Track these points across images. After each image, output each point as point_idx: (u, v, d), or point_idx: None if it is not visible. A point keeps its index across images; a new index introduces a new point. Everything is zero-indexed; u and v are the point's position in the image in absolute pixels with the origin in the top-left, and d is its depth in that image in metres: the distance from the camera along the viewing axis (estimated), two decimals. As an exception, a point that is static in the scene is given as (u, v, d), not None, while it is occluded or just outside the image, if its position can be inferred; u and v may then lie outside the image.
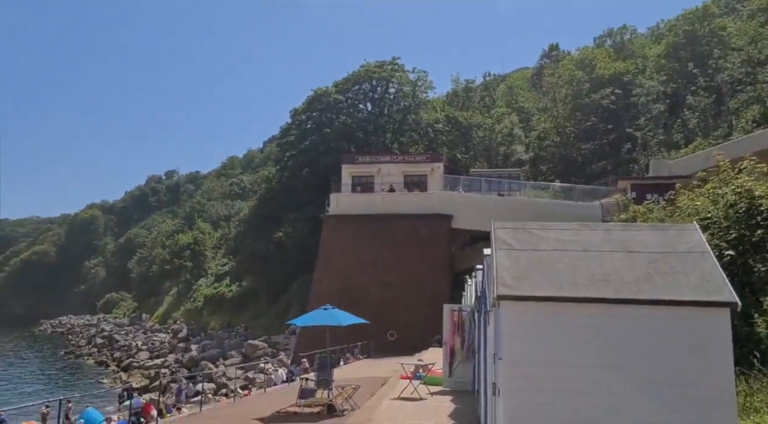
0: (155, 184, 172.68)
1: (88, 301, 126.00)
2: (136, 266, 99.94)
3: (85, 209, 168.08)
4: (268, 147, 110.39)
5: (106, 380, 43.79)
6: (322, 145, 51.92)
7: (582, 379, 6.11)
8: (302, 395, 14.20)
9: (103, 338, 68.26)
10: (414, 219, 34.74)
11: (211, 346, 45.92)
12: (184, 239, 76.79)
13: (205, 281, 71.28)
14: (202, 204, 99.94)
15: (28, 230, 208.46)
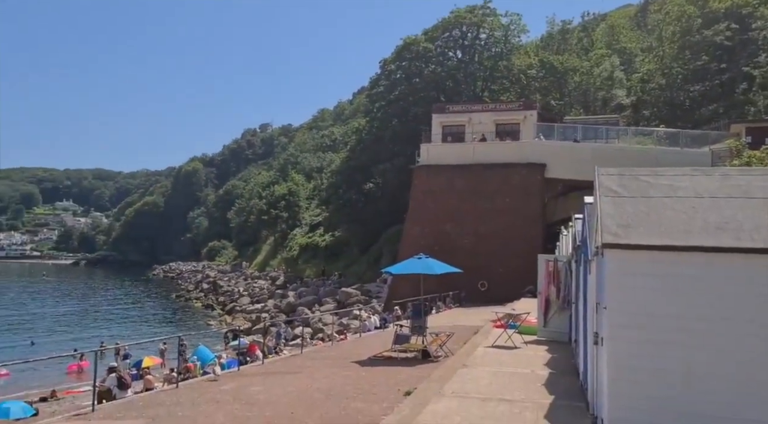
0: (251, 138, 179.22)
1: (193, 248, 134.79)
2: (234, 216, 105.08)
3: (188, 162, 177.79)
4: (357, 98, 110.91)
5: (213, 322, 47.05)
6: (411, 95, 51.41)
7: (689, 330, 5.85)
8: (397, 340, 14.58)
9: (208, 283, 73.11)
10: (506, 169, 33.97)
11: (307, 292, 47.96)
12: (279, 190, 79.54)
13: (299, 230, 73.95)
14: (295, 156, 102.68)
15: (139, 182, 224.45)
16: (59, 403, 19.92)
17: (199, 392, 11.10)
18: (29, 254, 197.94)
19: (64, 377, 25.59)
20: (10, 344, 35.76)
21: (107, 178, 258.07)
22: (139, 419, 8.88)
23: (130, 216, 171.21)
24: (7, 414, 15.15)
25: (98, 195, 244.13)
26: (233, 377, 12.92)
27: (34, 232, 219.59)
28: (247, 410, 9.20)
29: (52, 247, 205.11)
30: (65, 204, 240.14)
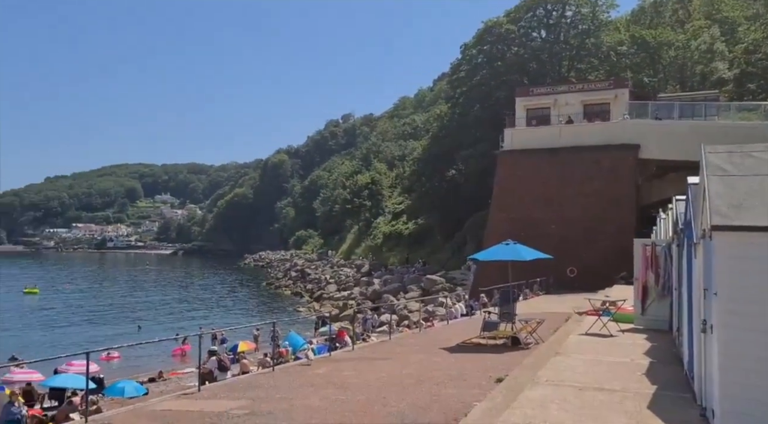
0: (333, 128, 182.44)
1: (281, 238, 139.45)
2: (320, 205, 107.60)
3: (274, 154, 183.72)
4: (438, 85, 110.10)
5: (302, 309, 48.56)
6: (493, 79, 50.38)
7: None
8: (485, 327, 14.44)
9: (296, 271, 75.46)
10: (595, 151, 32.64)
11: (392, 280, 48.42)
12: (363, 179, 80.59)
13: (383, 219, 74.70)
14: (377, 145, 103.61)
15: (229, 174, 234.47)
16: (166, 383, 21.29)
17: (294, 376, 11.49)
18: (134, 244, 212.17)
19: (169, 360, 27.29)
20: (119, 329, 38.58)
21: (200, 172, 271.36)
22: (240, 400, 9.31)
23: (222, 208, 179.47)
24: (122, 393, 16.36)
25: (193, 188, 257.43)
26: (325, 362, 13.27)
27: (138, 224, 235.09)
28: (341, 393, 9.43)
29: (154, 238, 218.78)
30: (164, 197, 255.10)
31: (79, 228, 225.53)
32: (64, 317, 43.87)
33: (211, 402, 9.26)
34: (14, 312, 46.24)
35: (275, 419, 7.84)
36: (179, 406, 9.11)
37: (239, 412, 8.38)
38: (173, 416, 8.35)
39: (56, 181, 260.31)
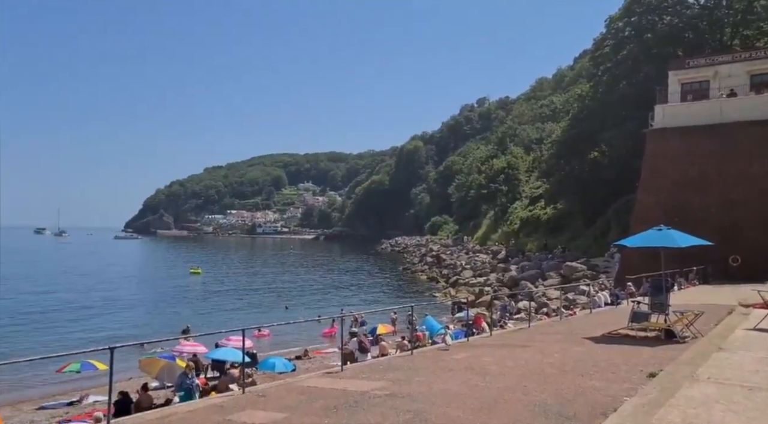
0: (468, 113, 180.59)
1: (416, 223, 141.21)
2: (455, 191, 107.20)
3: (409, 141, 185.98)
4: (579, 63, 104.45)
5: (437, 294, 48.86)
6: (642, 53, 46.69)
7: None
8: (634, 318, 13.52)
9: (432, 257, 76.00)
10: (765, 125, 29.11)
11: (529, 267, 47.08)
12: (498, 163, 78.97)
13: (520, 204, 72.73)
14: (513, 129, 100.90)
15: (366, 162, 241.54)
16: (311, 361, 22.51)
17: (433, 360, 11.57)
18: (280, 230, 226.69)
19: (312, 339, 28.74)
20: (268, 308, 41.42)
21: (339, 160, 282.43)
22: (381, 381, 9.54)
23: (360, 194, 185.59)
24: (273, 367, 17.54)
25: (332, 176, 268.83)
26: (463, 348, 13.22)
27: (283, 210, 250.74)
28: (480, 379, 9.32)
29: (297, 223, 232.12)
30: (306, 185, 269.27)
31: (233, 214, 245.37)
32: (222, 296, 47.98)
33: (354, 382, 9.59)
34: (182, 291, 51.44)
35: (415, 402, 7.92)
36: (324, 383, 9.54)
37: (380, 393, 8.58)
38: (319, 393, 8.76)
39: (213, 171, 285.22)
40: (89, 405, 17.14)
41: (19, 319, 33.83)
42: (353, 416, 7.32)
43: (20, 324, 32.49)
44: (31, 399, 18.82)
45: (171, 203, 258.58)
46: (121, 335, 27.57)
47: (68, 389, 19.56)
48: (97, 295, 45.67)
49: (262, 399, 8.56)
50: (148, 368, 17.32)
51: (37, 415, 16.65)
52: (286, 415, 7.51)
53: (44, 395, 19.39)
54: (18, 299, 41.55)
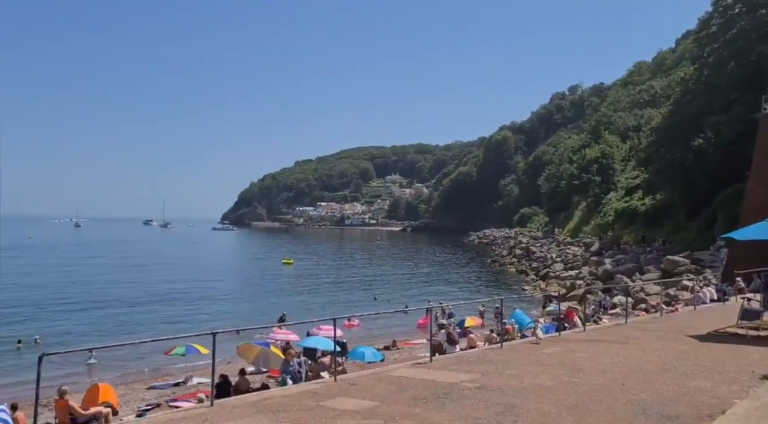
0: (559, 101, 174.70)
1: (505, 215, 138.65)
2: (545, 182, 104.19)
3: (497, 132, 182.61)
4: (681, 45, 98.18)
5: (527, 287, 47.81)
6: (755, 31, 43.08)
7: None
8: (744, 315, 12.63)
9: (521, 249, 74.40)
10: None
11: (625, 260, 44.97)
12: (591, 153, 75.84)
13: (614, 194, 69.59)
14: (608, 116, 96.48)
15: (453, 153, 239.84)
16: (399, 352, 22.72)
17: (523, 354, 11.35)
18: (367, 221, 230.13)
19: (400, 330, 28.98)
20: (357, 299, 42.20)
21: (426, 152, 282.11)
22: (470, 373, 9.48)
23: (447, 186, 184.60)
24: (362, 357, 17.88)
25: (419, 168, 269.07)
26: (554, 342, 12.87)
27: (371, 202, 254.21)
28: (573, 375, 9.04)
29: (385, 215, 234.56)
30: (393, 177, 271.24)
31: (323, 206, 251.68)
32: (313, 286, 49.42)
33: (443, 373, 9.59)
34: (275, 280, 53.48)
35: (505, 395, 7.81)
36: (413, 374, 9.60)
37: (470, 385, 8.53)
38: (408, 383, 8.83)
39: (304, 164, 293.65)
40: (193, 386, 18.22)
41: (130, 306, 36.49)
42: (443, 407, 7.32)
43: (131, 310, 35.05)
44: (142, 379, 20.27)
45: (264, 196, 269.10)
46: (221, 322, 29.06)
47: (174, 370, 20.87)
48: (199, 284, 48.39)
49: (353, 387, 8.75)
50: (245, 354, 18.16)
51: (147, 394, 17.90)
52: (376, 403, 7.63)
53: (154, 375, 20.83)
54: (131, 287, 44.78)
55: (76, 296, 39.08)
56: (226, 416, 7.27)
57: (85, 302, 37.15)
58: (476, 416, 6.89)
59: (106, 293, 40.87)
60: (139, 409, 15.23)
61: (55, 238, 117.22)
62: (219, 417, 7.20)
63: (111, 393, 14.29)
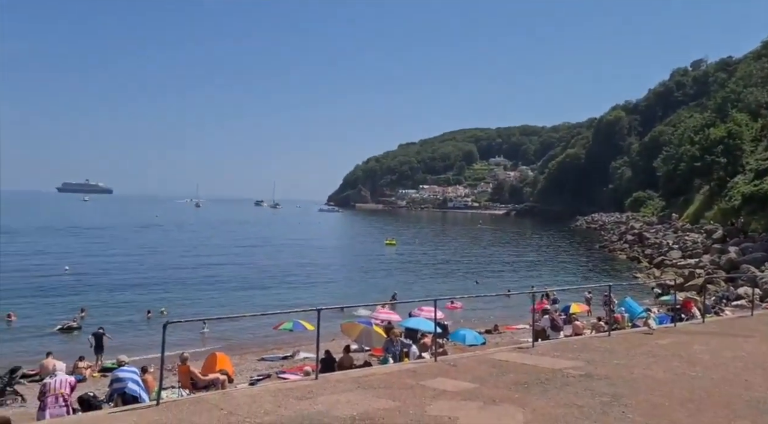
0: (680, 78, 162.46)
1: (615, 199, 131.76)
2: (661, 164, 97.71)
3: (609, 112, 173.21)
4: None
5: (639, 274, 45.33)
6: None
7: None
8: None
9: (633, 235, 70.49)
10: None
11: (753, 249, 41.31)
12: (716, 132, 69.95)
13: (742, 178, 63.89)
14: (736, 93, 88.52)
15: (561, 135, 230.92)
16: (501, 336, 22.45)
17: (633, 344, 10.82)
18: (470, 204, 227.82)
19: (501, 313, 28.55)
20: (459, 281, 42.07)
21: (532, 134, 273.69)
22: (575, 360, 9.18)
23: (553, 169, 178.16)
24: (463, 339, 17.85)
25: (524, 150, 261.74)
26: (669, 333, 12.15)
27: (474, 185, 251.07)
28: (689, 368, 8.51)
29: (488, 198, 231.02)
30: (497, 159, 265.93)
31: (425, 189, 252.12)
32: (414, 267, 49.83)
33: (545, 359, 9.36)
34: (377, 261, 54.47)
35: (613, 386, 7.50)
36: (515, 358, 9.45)
37: (574, 372, 8.27)
38: (510, 367, 8.71)
39: (407, 147, 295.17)
40: (300, 360, 19.07)
41: (243, 282, 38.72)
42: (545, 393, 7.16)
43: (244, 287, 37.20)
44: (253, 351, 21.49)
45: (368, 178, 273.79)
46: (325, 300, 30.10)
47: (282, 344, 21.94)
48: (306, 263, 50.33)
49: (453, 368, 8.76)
50: (348, 332, 18.70)
51: (258, 365, 18.97)
52: (476, 385, 7.60)
53: (264, 348, 22.01)
54: (244, 265, 47.48)
55: (197, 272, 42.05)
56: (330, 389, 7.54)
57: (203, 277, 39.91)
58: (580, 404, 6.67)
59: (222, 270, 43.62)
60: (252, 378, 16.17)
61: (178, 217, 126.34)
62: (323, 390, 7.49)
63: (227, 362, 15.28)
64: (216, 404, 6.80)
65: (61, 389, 9.46)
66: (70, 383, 9.79)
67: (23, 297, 30.09)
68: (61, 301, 29.40)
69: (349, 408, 6.59)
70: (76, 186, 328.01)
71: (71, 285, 34.46)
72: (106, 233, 74.84)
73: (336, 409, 6.56)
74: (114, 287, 34.26)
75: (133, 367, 10.95)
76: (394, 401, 6.87)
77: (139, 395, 9.96)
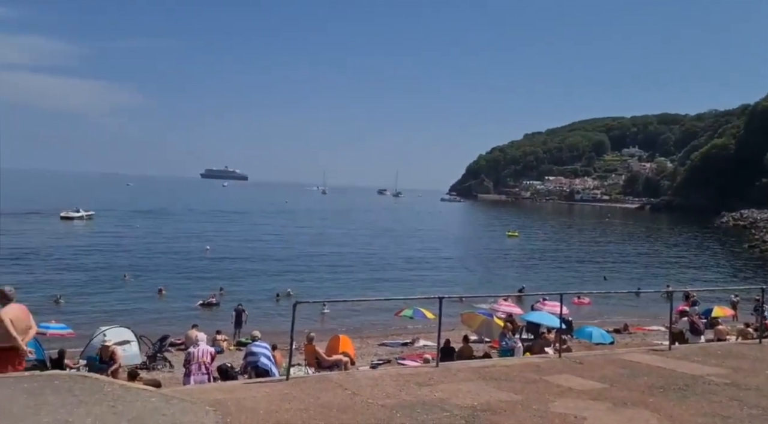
0: None
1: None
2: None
3: (765, 99, 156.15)
4: None
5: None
6: None
7: None
8: None
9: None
10: None
11: None
12: None
13: None
14: None
15: (706, 123, 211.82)
16: (631, 336, 21.20)
17: (789, 354, 9.72)
18: (599, 197, 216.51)
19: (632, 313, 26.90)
20: (585, 276, 40.29)
21: (672, 122, 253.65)
22: (718, 367, 8.43)
23: (696, 160, 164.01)
24: (589, 337, 17.08)
25: (663, 140, 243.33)
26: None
27: (604, 177, 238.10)
28: None
29: (619, 191, 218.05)
30: (631, 150, 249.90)
31: (551, 181, 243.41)
32: (537, 260, 48.38)
33: (684, 363, 8.67)
34: (499, 252, 53.58)
35: (765, 397, 6.78)
36: (648, 360, 8.86)
37: (717, 380, 7.59)
38: (642, 369, 8.18)
39: (533, 137, 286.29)
40: (419, 347, 19.27)
41: (367, 268, 39.82)
42: (683, 400, 6.64)
43: (367, 271, 38.26)
44: (374, 336, 22.05)
45: (491, 169, 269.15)
46: (445, 289, 30.12)
47: (402, 331, 22.30)
48: (427, 252, 50.69)
49: (579, 366, 8.39)
50: (468, 322, 18.59)
51: (379, 349, 19.44)
52: (605, 386, 7.23)
53: (384, 333, 22.51)
54: (368, 252, 48.70)
55: (322, 256, 43.86)
56: (450, 378, 7.53)
57: (328, 261, 41.57)
58: (726, 414, 6.11)
59: (346, 255, 45.14)
60: (372, 362, 16.61)
61: (307, 204, 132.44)
62: (444, 378, 7.49)
63: (349, 345, 15.80)
64: (340, 384, 7.04)
65: (204, 358, 10.31)
66: (211, 353, 10.64)
67: (171, 274, 33.19)
68: (202, 279, 32.01)
69: (469, 398, 6.53)
70: (217, 172, 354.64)
71: (211, 265, 37.39)
72: (241, 217, 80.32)
73: (456, 397, 6.53)
74: (247, 268, 36.72)
75: (265, 343, 11.64)
76: (517, 395, 6.70)
77: (269, 369, 10.59)
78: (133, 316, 22.51)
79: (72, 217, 61.24)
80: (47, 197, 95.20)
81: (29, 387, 5.93)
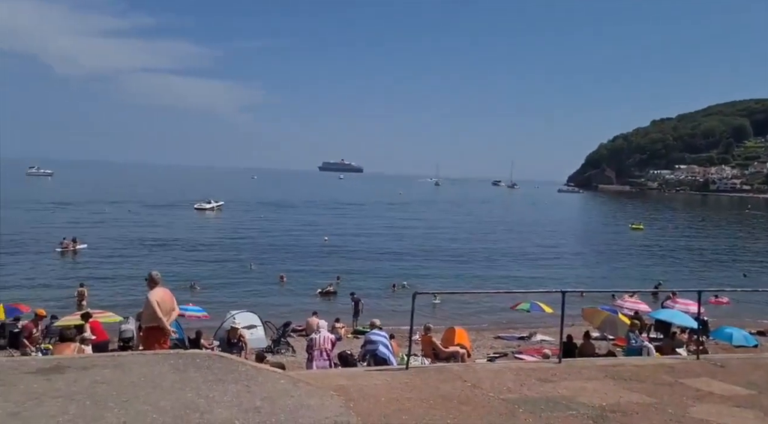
0: None
1: None
2: None
3: None
4: None
5: None
6: None
7: None
8: None
9: None
10: None
11: None
12: None
13: None
14: None
15: None
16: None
17: None
18: (739, 188, 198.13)
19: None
20: (720, 273, 37.15)
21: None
22: None
23: None
24: (729, 338, 15.69)
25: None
26: None
27: (745, 165, 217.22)
28: None
29: (762, 181, 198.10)
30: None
31: (682, 170, 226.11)
32: (665, 255, 45.24)
33: None
34: (622, 245, 50.74)
35: None
36: (803, 367, 7.98)
37: None
38: (797, 377, 7.37)
39: (661, 123, 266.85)
40: (537, 342, 18.72)
41: (483, 260, 39.36)
42: None
43: (482, 263, 37.81)
44: (489, 328, 21.71)
45: (613, 158, 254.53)
46: (564, 283, 28.96)
47: (518, 324, 21.76)
48: (546, 244, 49.10)
49: (720, 370, 7.73)
50: (590, 318, 17.74)
51: (495, 342, 19.13)
52: (752, 392, 6.60)
53: (499, 326, 22.08)
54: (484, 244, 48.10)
55: (438, 248, 43.91)
56: (574, 375, 7.24)
57: (444, 252, 41.55)
58: None
59: (461, 247, 44.86)
60: (488, 355, 16.37)
61: (420, 195, 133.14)
62: (568, 375, 7.21)
63: (465, 337, 15.66)
64: (459, 376, 6.99)
65: (325, 345, 10.69)
66: (332, 340, 11.00)
67: (291, 262, 34.76)
68: (321, 267, 33.21)
69: (597, 397, 6.22)
70: (333, 165, 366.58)
71: (329, 254, 38.68)
72: (357, 208, 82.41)
73: (582, 396, 6.25)
74: (364, 258, 37.58)
75: (384, 332, 11.84)
76: (650, 397, 6.29)
77: (388, 357, 10.76)
78: (257, 301, 23.82)
79: (204, 208, 66.43)
80: (184, 190, 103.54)
81: (175, 364, 6.46)
